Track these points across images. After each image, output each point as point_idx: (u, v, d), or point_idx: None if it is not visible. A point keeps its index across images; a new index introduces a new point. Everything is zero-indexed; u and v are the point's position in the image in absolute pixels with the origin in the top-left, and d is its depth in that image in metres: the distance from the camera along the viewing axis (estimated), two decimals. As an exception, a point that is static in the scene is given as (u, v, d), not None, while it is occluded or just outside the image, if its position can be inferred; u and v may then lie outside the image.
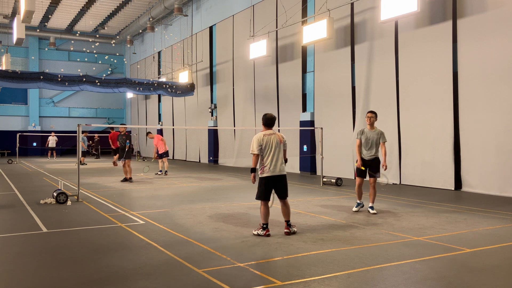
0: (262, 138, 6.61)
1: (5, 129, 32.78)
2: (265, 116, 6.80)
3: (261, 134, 6.68)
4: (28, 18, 13.48)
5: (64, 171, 18.43)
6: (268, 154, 6.57)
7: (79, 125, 10.10)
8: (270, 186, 6.60)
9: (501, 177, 10.95)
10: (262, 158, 6.60)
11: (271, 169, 6.56)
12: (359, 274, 4.72)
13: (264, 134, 6.67)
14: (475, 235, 6.60)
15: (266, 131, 6.73)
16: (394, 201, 9.97)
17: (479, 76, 11.45)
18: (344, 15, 15.52)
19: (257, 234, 6.53)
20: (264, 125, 6.79)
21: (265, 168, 6.58)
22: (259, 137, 6.62)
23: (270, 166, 6.56)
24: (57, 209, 8.90)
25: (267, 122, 6.78)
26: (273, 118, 6.83)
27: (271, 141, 6.61)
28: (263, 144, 6.57)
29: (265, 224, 6.55)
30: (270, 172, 6.56)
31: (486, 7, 11.28)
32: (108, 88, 21.72)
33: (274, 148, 6.60)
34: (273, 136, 6.68)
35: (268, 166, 6.57)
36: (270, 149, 6.58)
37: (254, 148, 6.58)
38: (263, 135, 6.65)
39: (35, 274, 4.78)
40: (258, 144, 6.57)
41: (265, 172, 6.58)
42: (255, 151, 6.57)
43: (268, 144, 6.58)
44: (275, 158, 6.59)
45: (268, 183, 6.58)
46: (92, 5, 27.64)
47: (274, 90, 19.11)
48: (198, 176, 16.52)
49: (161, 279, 4.55)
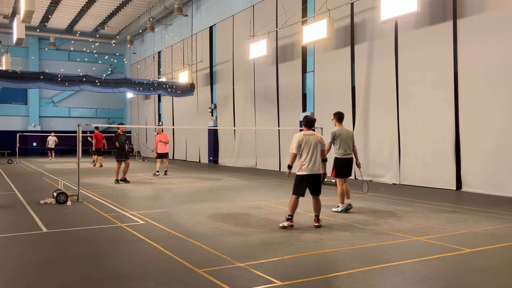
0: (302, 138, 6.99)
1: (5, 129, 32.78)
2: (306, 118, 7.21)
3: (302, 133, 7.08)
4: (28, 18, 13.48)
5: (64, 171, 18.43)
6: (307, 153, 6.94)
7: (79, 125, 10.10)
8: (306, 184, 6.97)
9: (501, 177, 10.95)
10: (300, 157, 6.98)
11: (309, 167, 6.94)
12: (359, 274, 4.72)
13: (304, 134, 7.05)
14: (475, 235, 6.60)
15: (306, 131, 7.14)
16: (394, 201, 9.97)
17: (479, 76, 11.46)
18: (344, 15, 15.52)
19: (283, 227, 6.92)
20: (305, 126, 7.21)
21: (303, 167, 6.95)
22: (300, 137, 7.00)
23: (308, 165, 6.93)
24: (57, 209, 8.89)
25: (307, 123, 7.20)
26: (314, 120, 7.27)
27: (311, 141, 6.99)
28: (302, 144, 6.95)
29: (290, 216, 6.95)
30: (308, 170, 6.94)
31: (486, 7, 11.28)
32: (108, 88, 21.72)
33: (312, 148, 6.96)
34: (312, 137, 7.05)
35: (306, 164, 6.94)
36: (309, 148, 6.95)
37: (293, 147, 6.99)
38: (303, 135, 7.03)
39: (35, 274, 4.78)
40: (298, 143, 6.97)
41: (303, 170, 6.95)
42: (293, 150, 6.99)
43: (307, 144, 6.95)
44: (313, 158, 6.96)
45: (305, 180, 6.96)
46: (92, 5, 27.64)
47: (274, 90, 19.11)
48: (198, 176, 16.52)
49: (161, 279, 4.55)
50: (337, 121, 8.75)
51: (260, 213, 8.47)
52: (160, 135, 16.33)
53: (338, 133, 8.58)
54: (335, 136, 8.58)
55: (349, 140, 8.65)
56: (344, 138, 8.58)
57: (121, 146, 13.85)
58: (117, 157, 13.83)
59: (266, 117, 19.72)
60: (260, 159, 20.27)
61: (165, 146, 16.38)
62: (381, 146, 14.28)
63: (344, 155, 8.64)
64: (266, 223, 7.41)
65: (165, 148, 16.37)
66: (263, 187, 12.88)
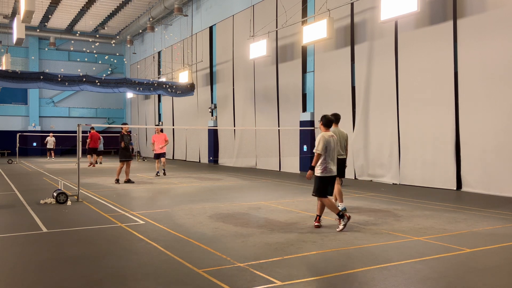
0: (327, 139, 6.90)
1: (5, 129, 32.78)
2: (325, 117, 7.12)
3: (326, 135, 6.97)
4: (28, 18, 13.49)
5: (64, 171, 18.43)
6: (329, 155, 6.90)
7: (79, 125, 10.10)
8: (327, 185, 6.97)
9: (501, 177, 10.95)
10: (325, 159, 6.88)
11: (332, 169, 6.93)
12: (359, 274, 4.72)
13: (328, 135, 6.98)
14: (475, 235, 6.60)
15: (329, 132, 7.08)
16: (394, 201, 9.97)
17: (479, 76, 11.45)
18: (344, 15, 15.52)
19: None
20: (327, 126, 7.10)
21: (327, 169, 6.89)
22: (326, 138, 6.90)
23: (331, 166, 6.92)
24: (57, 209, 8.90)
25: (328, 124, 7.09)
26: (333, 120, 7.26)
27: (333, 142, 6.98)
28: (327, 146, 6.87)
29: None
30: (330, 172, 6.92)
31: (486, 7, 11.28)
32: (108, 88, 21.72)
33: (333, 149, 6.96)
34: (333, 138, 7.03)
35: (329, 166, 6.90)
36: (332, 150, 6.94)
37: (319, 148, 6.83)
38: (328, 136, 6.96)
39: (35, 274, 4.78)
40: (324, 144, 6.85)
41: (326, 172, 6.90)
42: (319, 151, 6.83)
43: (329, 145, 6.91)
44: (334, 159, 6.99)
45: (327, 182, 6.95)
46: (92, 5, 27.64)
47: (274, 90, 19.11)
48: (198, 176, 16.52)
49: (161, 279, 4.55)
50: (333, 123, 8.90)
51: (260, 213, 8.47)
52: (157, 135, 16.18)
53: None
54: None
55: (343, 141, 8.84)
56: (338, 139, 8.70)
57: (126, 146, 13.86)
58: (121, 157, 13.83)
59: (266, 117, 19.72)
60: (260, 159, 20.27)
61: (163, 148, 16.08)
62: (381, 146, 14.28)
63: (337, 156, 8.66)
64: (266, 223, 7.41)
65: (162, 149, 16.13)
66: (263, 187, 12.89)
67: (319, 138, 6.90)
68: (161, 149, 16.09)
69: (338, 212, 6.88)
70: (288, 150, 18.14)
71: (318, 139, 6.90)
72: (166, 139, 16.36)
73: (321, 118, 7.18)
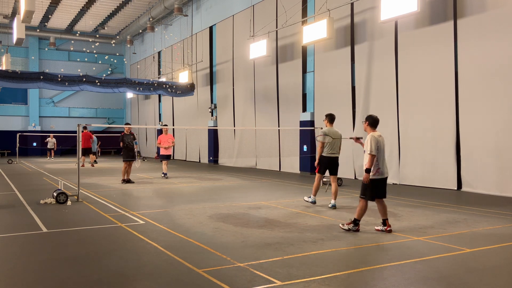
0: (378, 139, 6.61)
1: (5, 129, 32.78)
2: (372, 117, 6.85)
3: (376, 135, 6.66)
4: (28, 18, 13.49)
5: (64, 171, 18.43)
6: (380, 156, 6.61)
7: (79, 125, 10.10)
8: (379, 188, 6.64)
9: (501, 177, 10.95)
10: (377, 160, 6.59)
11: (384, 171, 6.65)
12: (359, 274, 4.72)
13: (378, 135, 6.68)
14: (475, 235, 6.60)
15: (377, 132, 6.77)
16: (394, 201, 9.96)
17: (479, 76, 11.45)
18: (344, 15, 15.52)
19: (348, 229, 6.68)
20: (373, 126, 6.81)
21: (380, 170, 6.60)
22: (377, 138, 6.60)
23: (383, 168, 6.64)
24: (57, 209, 8.89)
25: (374, 124, 6.81)
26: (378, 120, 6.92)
27: (382, 143, 6.68)
28: (379, 146, 6.58)
29: (358, 220, 6.69)
30: (382, 174, 6.63)
31: (486, 7, 11.28)
32: (108, 88, 21.72)
33: (383, 150, 6.68)
34: (381, 138, 6.72)
35: (381, 168, 6.61)
36: (383, 151, 6.66)
37: (373, 149, 6.52)
38: (378, 136, 6.65)
39: (35, 274, 4.78)
40: (376, 144, 6.55)
41: (380, 174, 6.61)
42: (373, 152, 6.52)
43: (380, 146, 6.62)
44: (385, 160, 6.69)
45: (379, 184, 6.63)
46: (92, 5, 27.64)
47: (274, 90, 19.11)
48: (198, 176, 16.51)
49: (161, 279, 4.55)
50: (328, 122, 9.29)
51: (260, 213, 8.47)
52: (164, 136, 15.53)
53: (328, 133, 9.07)
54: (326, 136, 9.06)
55: (337, 140, 9.09)
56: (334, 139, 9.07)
57: (128, 146, 13.82)
58: (124, 157, 13.83)
59: (266, 117, 19.72)
60: (260, 159, 20.27)
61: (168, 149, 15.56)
62: (381, 146, 14.26)
63: (330, 154, 9.07)
64: (266, 223, 7.41)
65: (168, 151, 15.63)
66: (263, 187, 12.88)
67: (369, 139, 6.56)
68: (167, 150, 15.53)
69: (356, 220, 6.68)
70: (288, 150, 18.13)
71: (368, 140, 6.56)
72: (173, 140, 15.84)
73: (367, 118, 6.88)
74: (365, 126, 6.88)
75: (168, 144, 15.53)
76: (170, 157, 16.04)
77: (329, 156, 9.04)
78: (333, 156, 9.07)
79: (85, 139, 21.02)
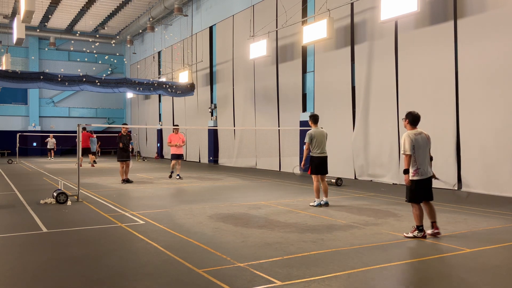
0: (414, 137, 6.33)
1: (5, 129, 32.79)
2: (411, 114, 6.50)
3: (412, 133, 6.38)
4: (28, 18, 13.49)
5: (64, 171, 18.43)
6: (419, 155, 6.32)
7: (79, 125, 10.10)
8: (422, 189, 6.35)
9: (501, 177, 10.94)
10: (415, 160, 6.32)
11: (425, 171, 6.35)
12: (359, 274, 4.71)
13: (414, 133, 6.39)
14: (475, 235, 6.60)
15: (414, 130, 6.46)
16: (394, 201, 9.97)
17: (480, 76, 11.45)
18: (344, 15, 15.52)
19: (413, 237, 6.34)
20: (412, 124, 6.50)
21: (419, 170, 6.32)
22: (412, 137, 6.33)
23: (424, 168, 6.34)
24: (57, 209, 8.89)
25: (414, 121, 6.49)
26: (420, 116, 6.58)
27: (422, 141, 6.38)
28: (416, 145, 6.31)
29: (420, 226, 6.36)
30: (423, 174, 6.34)
31: (486, 7, 11.28)
32: (108, 88, 21.72)
33: (424, 149, 6.37)
34: (422, 136, 6.42)
35: (421, 168, 6.32)
36: (422, 149, 6.34)
37: (407, 148, 6.29)
38: (414, 134, 6.36)
39: (35, 274, 4.78)
40: (411, 143, 6.29)
41: (419, 174, 6.33)
42: (408, 152, 6.29)
43: (418, 144, 6.33)
44: (426, 159, 6.37)
45: (421, 186, 6.35)
46: (92, 5, 27.65)
47: (274, 90, 19.11)
48: (198, 176, 16.51)
49: (161, 279, 4.55)
50: (312, 123, 9.42)
51: (260, 213, 8.47)
52: (174, 135, 15.09)
53: (314, 134, 9.22)
54: (312, 137, 9.22)
55: (324, 140, 9.29)
56: (319, 139, 9.24)
57: (124, 146, 13.85)
58: (118, 158, 13.86)
59: (266, 117, 19.72)
60: (260, 159, 20.27)
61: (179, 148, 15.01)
62: (381, 146, 14.28)
63: (319, 154, 9.23)
64: (266, 223, 7.41)
65: (180, 150, 15.08)
66: (263, 187, 12.89)
67: (404, 138, 6.31)
68: (178, 149, 15.00)
69: (418, 226, 6.37)
70: (288, 150, 18.13)
71: (403, 139, 6.33)
72: (184, 139, 15.30)
73: (407, 116, 6.52)
74: (405, 124, 6.56)
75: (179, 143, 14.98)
76: (182, 157, 15.41)
77: (319, 156, 9.21)
78: (323, 156, 9.26)
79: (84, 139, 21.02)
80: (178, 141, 14.99)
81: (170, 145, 15.08)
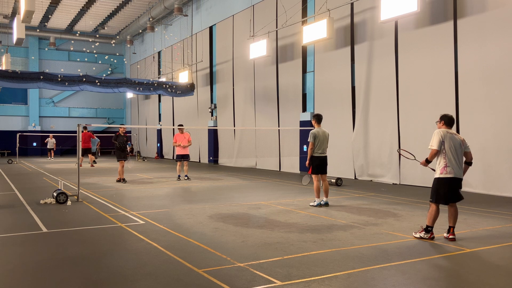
0: (445, 134, 6.28)
1: (5, 129, 32.79)
2: (446, 116, 6.48)
3: (444, 130, 6.36)
4: (28, 18, 13.49)
5: (64, 171, 18.43)
6: (451, 154, 6.23)
7: (79, 125, 10.10)
8: (448, 189, 6.25)
9: (501, 177, 10.95)
10: (444, 157, 6.26)
11: (454, 171, 6.23)
12: (359, 274, 4.71)
13: (447, 131, 6.35)
14: (475, 235, 6.60)
15: (447, 129, 6.42)
16: (394, 201, 9.97)
17: (479, 76, 11.45)
18: (344, 15, 15.52)
19: (419, 237, 6.31)
20: (447, 125, 6.46)
21: (447, 169, 6.23)
22: (443, 133, 6.29)
23: (453, 168, 6.23)
24: (57, 209, 8.89)
25: (450, 122, 6.47)
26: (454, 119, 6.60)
27: (455, 140, 6.30)
28: (446, 141, 6.25)
29: (430, 227, 6.29)
30: (450, 173, 6.23)
31: (486, 7, 11.28)
32: (108, 88, 21.72)
33: (457, 149, 6.27)
34: (454, 136, 6.34)
35: (450, 166, 6.22)
36: (455, 148, 6.25)
37: (434, 143, 6.28)
38: (446, 132, 6.33)
39: (35, 274, 4.78)
40: (439, 140, 6.26)
41: (448, 173, 6.23)
42: (434, 147, 6.28)
43: (451, 142, 6.26)
44: (457, 160, 6.27)
45: (450, 184, 6.24)
46: (92, 5, 27.64)
47: (274, 90, 19.11)
48: (198, 176, 16.51)
49: (161, 279, 4.55)
50: (316, 122, 9.42)
51: (260, 213, 8.47)
52: (179, 135, 14.70)
53: (317, 134, 9.23)
54: (315, 136, 9.22)
55: (326, 140, 9.36)
56: (321, 139, 9.28)
57: (121, 146, 13.90)
58: (117, 157, 13.99)
59: (266, 117, 19.72)
60: (260, 159, 20.27)
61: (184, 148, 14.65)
62: (381, 146, 14.28)
63: (320, 154, 9.30)
64: (266, 223, 7.41)
65: (185, 150, 14.71)
66: (263, 187, 12.89)
67: (434, 134, 6.31)
68: (184, 149, 14.67)
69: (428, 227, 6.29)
70: (288, 150, 18.13)
71: (433, 135, 6.32)
72: (190, 139, 14.80)
73: (442, 117, 6.50)
74: (439, 126, 6.53)
75: (185, 143, 14.61)
76: (187, 157, 14.92)
77: (320, 156, 9.26)
78: (323, 156, 9.32)
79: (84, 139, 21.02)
80: (183, 141, 14.63)
81: (175, 145, 14.86)
